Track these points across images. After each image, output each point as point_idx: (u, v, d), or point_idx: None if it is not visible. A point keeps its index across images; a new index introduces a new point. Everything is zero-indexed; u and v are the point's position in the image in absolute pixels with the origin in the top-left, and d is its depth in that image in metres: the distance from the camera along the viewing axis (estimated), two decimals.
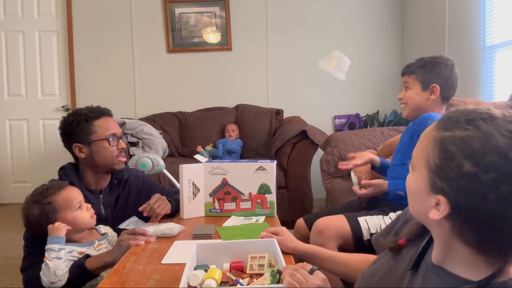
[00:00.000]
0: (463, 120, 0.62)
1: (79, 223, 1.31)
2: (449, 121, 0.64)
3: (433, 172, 0.63)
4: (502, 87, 2.67)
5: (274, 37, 4.09)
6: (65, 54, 4.08)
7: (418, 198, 0.68)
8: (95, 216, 1.38)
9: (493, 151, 0.57)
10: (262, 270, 0.97)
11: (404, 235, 0.81)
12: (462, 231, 0.61)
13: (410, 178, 0.71)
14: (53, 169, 1.66)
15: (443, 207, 0.61)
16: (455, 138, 0.61)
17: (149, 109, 4.05)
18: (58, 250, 1.22)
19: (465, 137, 0.60)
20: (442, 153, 0.62)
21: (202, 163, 1.63)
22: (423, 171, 0.66)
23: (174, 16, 4.05)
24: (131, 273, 1.08)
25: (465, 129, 0.61)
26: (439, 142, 0.63)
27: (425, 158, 0.65)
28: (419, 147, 0.68)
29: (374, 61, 4.09)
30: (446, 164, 0.61)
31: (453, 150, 0.60)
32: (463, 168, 0.58)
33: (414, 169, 0.69)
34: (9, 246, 2.84)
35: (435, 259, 0.69)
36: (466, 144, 0.59)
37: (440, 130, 0.64)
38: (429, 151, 0.65)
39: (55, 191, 1.31)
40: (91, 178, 1.57)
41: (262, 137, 3.72)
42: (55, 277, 1.19)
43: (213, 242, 1.22)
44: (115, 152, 1.54)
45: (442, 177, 0.61)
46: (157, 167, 2.35)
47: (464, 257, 0.64)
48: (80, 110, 1.57)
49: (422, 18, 3.69)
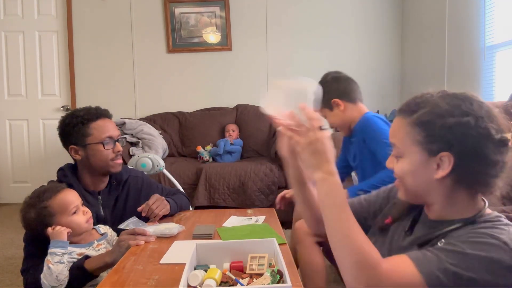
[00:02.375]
0: (419, 102, 0.80)
1: (74, 228, 1.30)
2: (410, 107, 0.81)
3: (425, 143, 0.78)
4: (502, 87, 2.67)
5: (274, 37, 4.09)
6: (65, 54, 4.08)
7: (418, 172, 0.80)
8: (92, 220, 1.37)
9: (455, 105, 0.77)
10: (262, 270, 0.96)
11: (391, 214, 0.94)
12: (462, 175, 0.77)
13: (401, 165, 0.82)
14: (53, 169, 1.65)
15: (447, 160, 0.76)
16: (425, 113, 0.78)
17: (149, 109, 4.05)
18: (62, 254, 1.22)
19: (431, 108, 0.78)
20: (423, 126, 0.78)
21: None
22: (414, 149, 0.79)
23: (174, 16, 4.05)
24: (131, 273, 1.08)
25: (425, 106, 0.79)
26: (416, 123, 0.79)
27: (411, 139, 0.80)
28: (399, 136, 0.82)
29: (374, 61, 4.09)
30: (431, 132, 0.77)
31: (431, 119, 0.77)
32: (447, 123, 0.75)
33: (402, 156, 0.82)
34: (9, 246, 2.84)
35: (435, 216, 0.83)
36: (436, 110, 0.77)
37: (408, 116, 0.81)
38: (411, 133, 0.79)
39: (51, 195, 1.30)
40: (89, 179, 1.56)
41: (262, 137, 3.72)
42: (57, 281, 1.19)
43: (213, 242, 1.22)
44: (111, 155, 1.52)
45: (435, 140, 0.77)
46: (157, 167, 2.35)
47: (464, 202, 0.79)
48: (77, 111, 1.55)
49: (422, 18, 3.69)
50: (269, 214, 1.69)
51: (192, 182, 3.12)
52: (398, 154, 0.83)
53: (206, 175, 3.08)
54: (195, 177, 3.13)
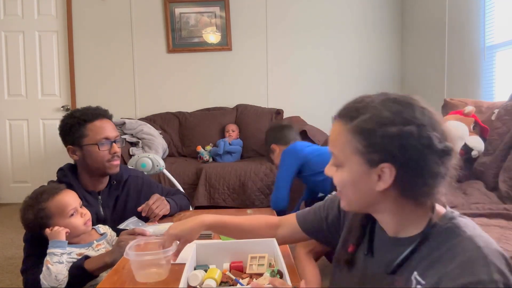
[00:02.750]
0: (359, 107, 0.75)
1: (72, 231, 1.29)
2: (350, 112, 0.76)
3: (366, 152, 0.73)
4: (502, 87, 2.67)
5: (274, 37, 4.09)
6: (65, 54, 4.08)
7: (359, 183, 0.76)
8: (90, 223, 1.36)
9: (397, 112, 0.72)
10: (262, 270, 0.96)
11: (351, 241, 0.87)
12: (406, 187, 0.72)
13: (340, 175, 0.78)
14: (53, 169, 1.65)
15: (388, 171, 0.72)
16: (366, 120, 0.73)
17: (149, 109, 4.05)
18: (61, 254, 1.22)
19: (373, 115, 0.73)
20: (364, 134, 0.73)
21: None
22: (354, 159, 0.75)
23: (174, 16, 4.05)
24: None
25: (365, 112, 0.74)
26: (355, 130, 0.74)
27: (351, 148, 0.75)
28: (338, 144, 0.77)
29: (374, 61, 4.09)
30: (373, 139, 0.72)
31: (371, 127, 0.72)
32: (388, 132, 0.71)
33: (342, 166, 0.78)
34: (9, 246, 2.84)
35: (392, 232, 0.79)
36: (377, 117, 0.72)
37: (347, 123, 0.76)
38: (351, 141, 0.74)
39: (49, 196, 1.29)
40: (88, 179, 1.56)
41: (262, 137, 3.68)
42: (56, 282, 1.18)
43: (213, 242, 1.21)
44: (107, 156, 1.51)
45: (376, 150, 0.72)
46: (157, 167, 2.35)
47: (414, 214, 0.75)
48: (76, 111, 1.54)
49: (422, 18, 3.69)
50: (269, 214, 1.69)
51: (192, 182, 3.12)
52: (338, 163, 0.79)
53: (206, 175, 3.08)
54: (195, 177, 3.13)
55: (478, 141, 2.17)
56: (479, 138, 2.18)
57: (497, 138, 2.13)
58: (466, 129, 2.18)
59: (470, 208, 1.76)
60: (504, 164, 1.98)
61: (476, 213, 1.68)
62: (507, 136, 2.05)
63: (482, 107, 2.38)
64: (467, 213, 1.68)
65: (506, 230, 1.43)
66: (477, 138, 2.17)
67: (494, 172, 2.03)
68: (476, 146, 2.15)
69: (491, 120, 2.22)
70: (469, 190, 1.99)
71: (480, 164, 2.15)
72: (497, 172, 2.01)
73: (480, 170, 2.13)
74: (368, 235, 0.84)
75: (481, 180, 2.09)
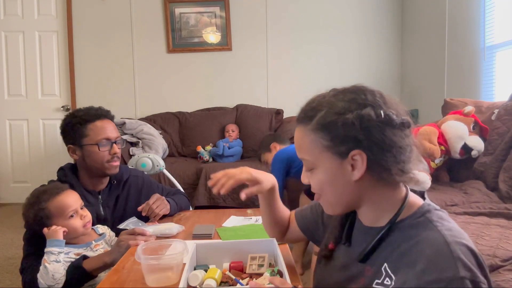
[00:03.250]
0: (314, 106, 0.77)
1: (70, 232, 1.29)
2: (307, 113, 0.77)
3: (333, 146, 0.74)
4: (502, 87, 2.67)
5: (274, 37, 4.09)
6: (65, 54, 4.08)
7: (335, 179, 0.76)
8: (90, 225, 1.36)
9: (350, 99, 0.74)
10: (262, 270, 0.96)
11: (331, 239, 0.88)
12: (378, 169, 0.73)
13: (316, 177, 0.78)
14: (53, 169, 1.65)
15: (359, 158, 0.72)
16: (323, 115, 0.75)
17: (149, 109, 4.05)
18: (58, 253, 1.22)
19: (328, 108, 0.75)
20: (326, 129, 0.74)
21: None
22: (324, 157, 0.75)
23: (174, 16, 4.05)
24: (131, 273, 1.08)
25: (321, 109, 0.75)
26: (316, 127, 0.75)
27: (318, 147, 0.75)
28: (305, 148, 0.78)
29: (374, 61, 4.08)
30: (335, 131, 0.73)
31: (331, 120, 0.74)
32: (348, 119, 0.72)
33: (315, 168, 0.78)
34: (9, 246, 2.84)
35: (368, 221, 0.79)
36: (334, 109, 0.74)
37: (307, 124, 0.77)
38: (315, 140, 0.75)
39: (50, 196, 1.29)
40: (88, 179, 1.56)
41: (262, 137, 3.71)
42: (53, 281, 1.18)
43: (213, 242, 1.21)
44: (107, 157, 1.51)
45: (342, 141, 0.73)
46: (157, 167, 2.35)
47: (388, 199, 0.76)
48: (78, 111, 1.54)
49: (422, 18, 3.68)
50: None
51: (192, 182, 3.12)
52: (310, 166, 0.79)
53: (206, 175, 3.08)
54: (195, 177, 3.13)
55: (478, 141, 2.17)
56: (479, 138, 2.18)
57: (497, 138, 2.14)
58: (466, 129, 2.18)
59: (470, 207, 1.76)
60: (504, 164, 1.98)
61: (477, 212, 1.68)
62: (507, 136, 2.05)
63: (482, 107, 2.38)
64: (467, 212, 1.68)
65: (506, 229, 1.43)
66: (477, 138, 2.18)
67: (494, 172, 2.03)
68: (476, 146, 2.15)
69: (491, 120, 2.22)
70: (470, 190, 2.00)
71: (480, 164, 2.15)
72: (497, 172, 2.01)
73: (480, 170, 2.13)
74: (348, 225, 0.85)
75: (481, 180, 2.10)
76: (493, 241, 1.32)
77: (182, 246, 1.06)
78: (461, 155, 2.20)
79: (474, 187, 2.01)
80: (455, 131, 2.18)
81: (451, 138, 2.18)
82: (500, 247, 1.26)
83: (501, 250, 1.24)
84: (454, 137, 2.17)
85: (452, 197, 1.89)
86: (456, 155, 2.20)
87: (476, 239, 1.35)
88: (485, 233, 1.40)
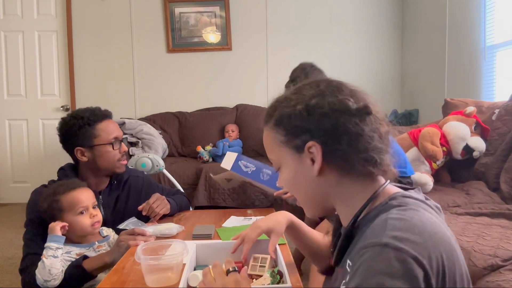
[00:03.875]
0: (274, 105, 0.76)
1: (77, 229, 1.30)
2: (269, 113, 0.76)
3: (288, 140, 0.72)
4: (503, 87, 2.66)
5: (274, 37, 4.09)
6: (65, 54, 4.08)
7: (298, 176, 0.73)
8: (98, 225, 1.35)
9: (297, 91, 0.73)
10: (262, 272, 0.96)
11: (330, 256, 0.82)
12: (339, 159, 0.69)
13: (282, 176, 0.76)
14: (53, 169, 1.65)
15: (315, 149, 0.69)
16: (278, 112, 0.74)
17: (149, 109, 4.05)
18: (56, 249, 1.22)
19: (281, 104, 0.74)
20: (281, 124, 0.73)
21: None
22: (283, 153, 0.74)
23: (174, 16, 4.05)
24: (131, 273, 1.08)
25: (277, 106, 0.75)
26: (274, 124, 0.74)
27: (277, 143, 0.74)
28: (269, 148, 0.77)
29: (374, 61, 4.08)
30: (288, 126, 0.72)
31: (282, 114, 0.73)
32: (297, 110, 0.70)
33: (280, 167, 0.76)
34: (9, 246, 2.84)
35: (345, 222, 0.73)
36: (285, 104, 0.73)
37: (268, 123, 0.76)
38: (275, 137, 0.74)
39: (65, 190, 1.31)
40: (92, 180, 1.55)
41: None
42: (49, 276, 1.18)
43: (213, 242, 1.21)
44: (118, 155, 1.53)
45: (295, 134, 0.71)
46: (156, 167, 2.34)
47: (358, 194, 0.70)
48: (81, 112, 1.52)
49: (422, 18, 3.68)
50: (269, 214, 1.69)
51: (192, 182, 3.12)
52: (276, 166, 0.77)
53: (206, 175, 3.08)
54: (195, 177, 3.13)
55: (479, 141, 2.16)
56: (480, 138, 2.18)
57: (497, 138, 2.13)
58: (468, 130, 2.18)
59: (472, 207, 1.76)
60: (505, 164, 1.98)
61: (478, 212, 1.67)
62: (508, 136, 2.05)
63: (483, 107, 2.38)
64: (469, 213, 1.68)
65: (507, 229, 1.43)
66: (479, 139, 2.17)
67: (495, 173, 2.03)
68: (478, 147, 2.15)
69: (492, 120, 2.22)
70: (472, 190, 1.99)
71: (481, 164, 2.14)
72: (498, 173, 2.01)
73: (481, 171, 2.13)
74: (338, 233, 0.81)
75: (482, 180, 2.09)
76: (494, 241, 1.32)
77: (182, 246, 1.06)
78: (462, 156, 2.20)
79: (476, 188, 2.01)
80: (457, 132, 2.18)
81: (453, 139, 2.18)
82: (501, 247, 1.26)
83: (502, 250, 1.24)
84: (456, 138, 2.17)
85: (454, 198, 1.89)
86: (458, 156, 2.20)
87: (477, 239, 1.35)
88: (486, 233, 1.40)
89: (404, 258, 0.54)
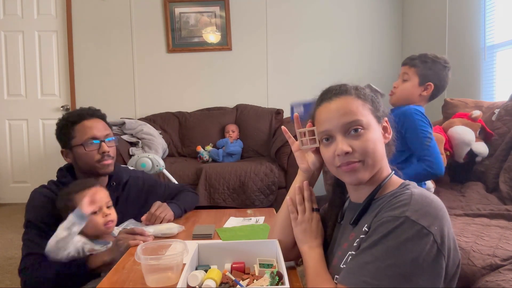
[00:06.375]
0: (341, 85, 0.92)
1: (89, 227, 1.30)
2: (341, 88, 0.92)
3: (374, 111, 0.89)
4: (503, 87, 2.67)
5: (274, 37, 4.09)
6: (65, 54, 4.08)
7: (379, 140, 0.87)
8: (112, 225, 1.36)
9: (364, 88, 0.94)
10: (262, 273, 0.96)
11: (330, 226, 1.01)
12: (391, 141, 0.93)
13: (365, 138, 0.85)
14: (53, 169, 1.65)
15: (387, 124, 0.91)
16: (357, 89, 0.91)
17: (149, 109, 4.05)
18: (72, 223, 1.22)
19: (354, 87, 0.92)
20: (365, 97, 0.89)
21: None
22: (370, 118, 0.87)
23: (174, 16, 4.05)
24: (131, 273, 1.08)
25: (348, 87, 0.92)
26: (359, 96, 0.89)
27: (366, 110, 0.88)
28: (356, 112, 0.86)
29: (374, 61, 4.08)
30: (371, 100, 0.90)
31: (365, 93, 0.91)
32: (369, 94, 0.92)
33: (366, 129, 0.85)
34: (9, 246, 2.84)
35: (363, 198, 0.89)
36: (360, 87, 0.92)
37: (348, 95, 0.89)
38: (363, 105, 0.88)
39: (79, 189, 1.33)
40: None
41: (262, 137, 3.72)
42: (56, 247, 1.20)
43: (215, 243, 1.21)
44: (96, 156, 1.47)
45: (378, 108, 0.90)
46: (157, 167, 2.35)
47: (384, 170, 0.89)
48: (70, 113, 1.52)
49: (422, 18, 3.68)
50: (269, 214, 1.69)
51: (192, 182, 3.12)
52: (364, 127, 0.85)
53: (206, 175, 3.08)
54: (195, 177, 3.13)
55: (483, 147, 2.16)
56: (484, 144, 2.17)
57: (497, 138, 2.14)
58: (473, 135, 2.17)
59: (471, 209, 1.76)
60: (504, 164, 1.98)
61: (477, 213, 1.68)
62: (508, 136, 2.05)
63: (483, 107, 2.38)
64: (467, 214, 1.68)
65: (506, 230, 1.43)
66: (483, 144, 2.17)
67: (494, 173, 2.03)
68: (481, 153, 2.15)
69: (492, 121, 2.22)
70: (468, 192, 1.99)
71: (481, 164, 2.15)
72: (497, 173, 2.01)
73: (480, 171, 2.13)
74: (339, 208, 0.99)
75: (482, 180, 2.10)
76: (493, 241, 1.32)
77: (182, 246, 1.06)
78: (464, 160, 2.20)
79: (473, 190, 2.00)
80: (462, 138, 2.16)
81: (458, 144, 2.17)
82: (499, 247, 1.26)
83: (501, 250, 1.25)
84: (460, 144, 2.16)
85: (450, 203, 1.88)
86: (460, 160, 2.20)
87: (476, 239, 1.35)
88: (484, 233, 1.40)
89: (419, 228, 0.72)
